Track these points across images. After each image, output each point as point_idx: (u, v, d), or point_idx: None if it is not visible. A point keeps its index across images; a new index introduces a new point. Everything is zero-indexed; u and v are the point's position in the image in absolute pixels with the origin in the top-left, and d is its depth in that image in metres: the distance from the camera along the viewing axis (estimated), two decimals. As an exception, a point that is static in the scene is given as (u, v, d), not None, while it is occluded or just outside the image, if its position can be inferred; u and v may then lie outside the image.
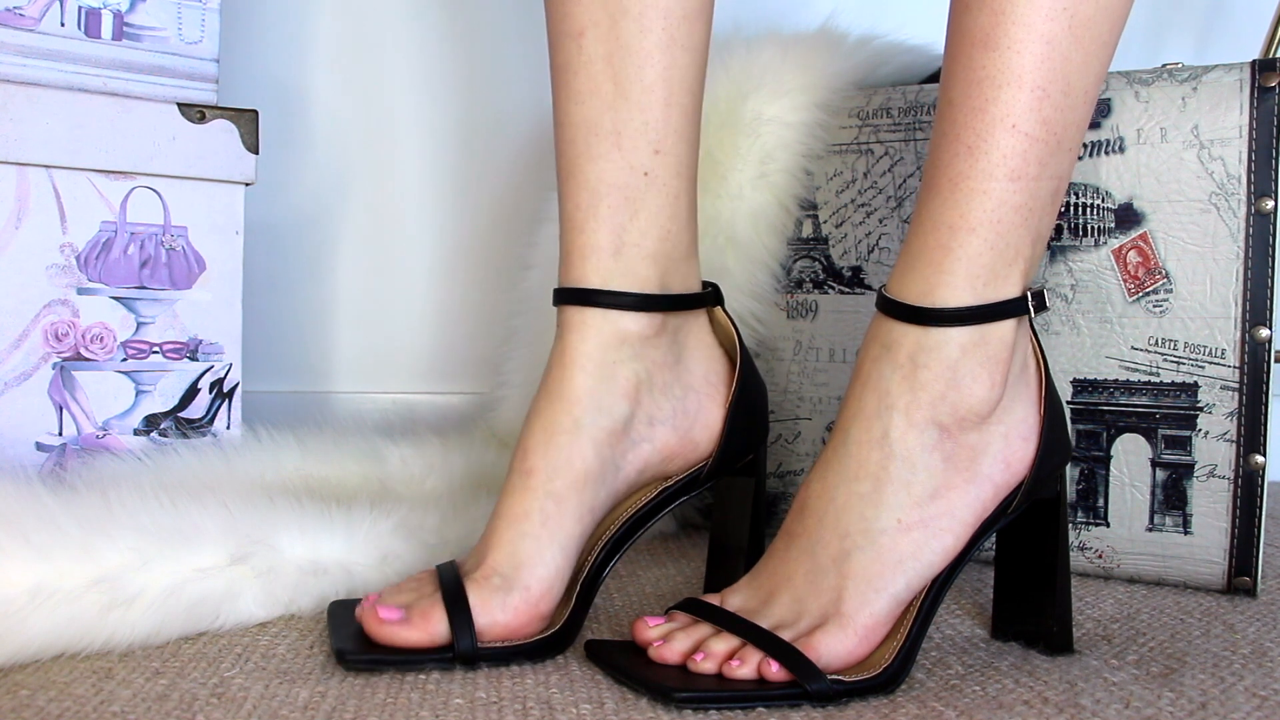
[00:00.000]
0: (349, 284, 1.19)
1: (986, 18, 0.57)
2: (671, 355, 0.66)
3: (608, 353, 0.64)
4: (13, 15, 0.80)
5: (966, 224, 0.58)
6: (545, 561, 0.61)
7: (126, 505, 0.67)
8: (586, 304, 0.64)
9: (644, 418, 0.64)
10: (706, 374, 0.67)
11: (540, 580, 0.60)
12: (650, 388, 0.65)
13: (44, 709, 0.53)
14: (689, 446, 0.66)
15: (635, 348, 0.64)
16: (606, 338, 0.64)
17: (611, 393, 0.63)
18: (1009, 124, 0.57)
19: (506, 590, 0.60)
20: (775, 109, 0.90)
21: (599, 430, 0.63)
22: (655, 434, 0.65)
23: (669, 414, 0.65)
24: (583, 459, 0.62)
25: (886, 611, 0.57)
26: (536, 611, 0.60)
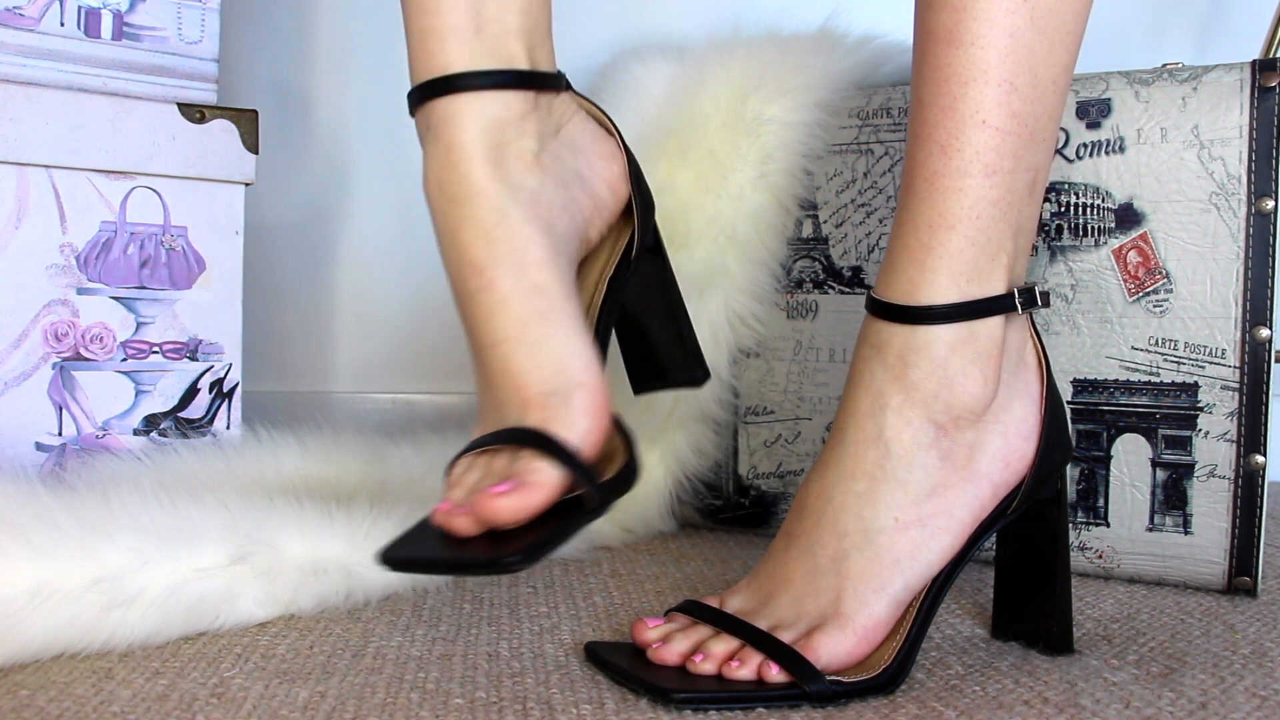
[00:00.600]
0: (349, 284, 1.19)
1: (948, 15, 0.57)
2: (550, 127, 0.61)
3: (494, 135, 0.58)
4: (13, 15, 0.80)
5: (945, 222, 0.58)
6: (580, 350, 0.55)
7: (126, 505, 0.67)
8: (455, 90, 0.58)
9: (554, 182, 0.60)
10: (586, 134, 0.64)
11: (587, 368, 0.54)
12: (545, 156, 0.60)
13: (44, 709, 0.53)
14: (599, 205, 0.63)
15: (517, 126, 0.59)
16: (488, 121, 0.58)
17: (513, 171, 0.58)
18: (979, 120, 0.57)
19: (568, 403, 0.53)
20: (775, 109, 0.90)
21: (524, 209, 0.57)
22: (571, 195, 0.61)
23: (573, 175, 0.61)
24: (533, 242, 0.57)
25: (885, 612, 0.57)
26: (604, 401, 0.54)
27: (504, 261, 0.56)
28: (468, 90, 0.58)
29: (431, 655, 0.62)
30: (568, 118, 0.63)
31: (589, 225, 0.62)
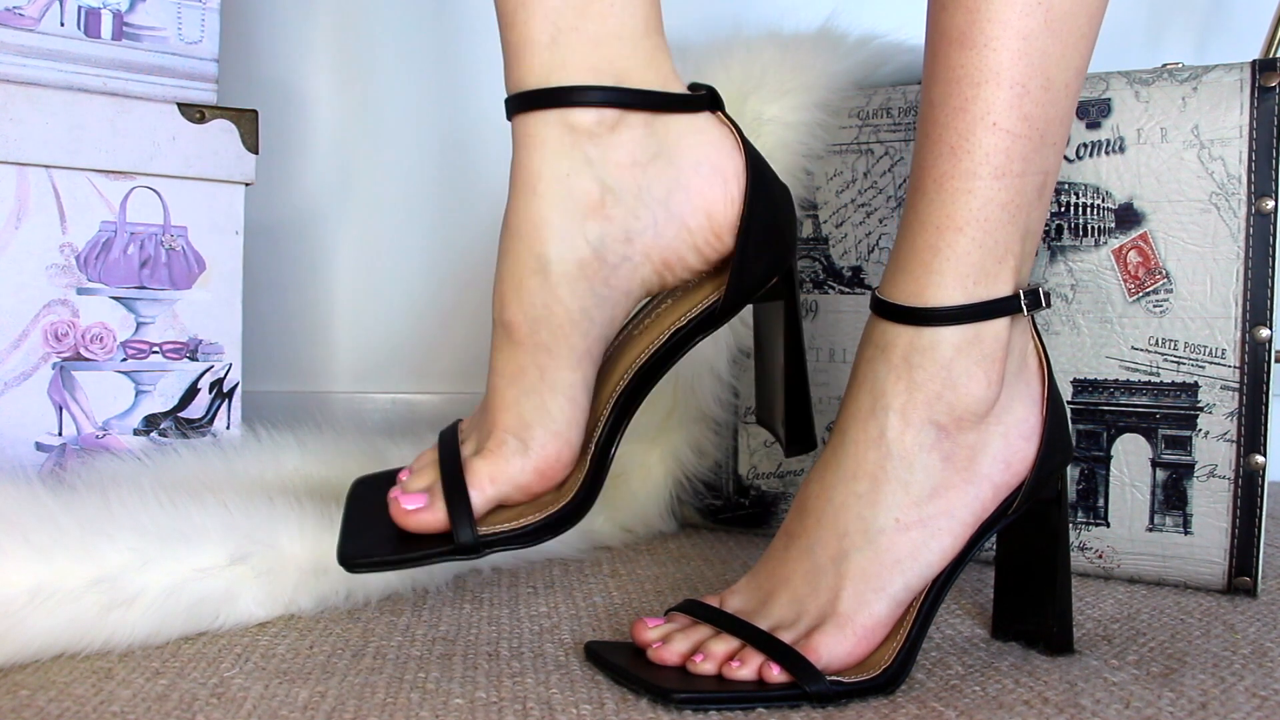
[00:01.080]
0: (349, 284, 1.19)
1: (962, 16, 0.57)
2: (645, 152, 0.57)
3: (559, 163, 0.56)
4: (12, 15, 0.80)
5: (953, 223, 0.58)
6: (553, 415, 0.57)
7: (126, 505, 0.67)
8: (529, 108, 0.56)
9: (617, 235, 0.57)
10: (697, 165, 0.58)
11: (553, 435, 0.57)
12: (619, 196, 0.56)
13: (44, 709, 0.53)
14: (678, 256, 0.58)
15: (589, 150, 0.56)
16: (556, 144, 0.56)
17: (573, 214, 0.56)
18: (989, 122, 0.57)
19: (522, 452, 0.57)
20: (775, 109, 0.90)
21: (569, 266, 0.56)
22: (634, 250, 0.57)
23: (649, 223, 0.57)
24: (560, 302, 0.56)
25: (885, 612, 0.57)
26: (559, 463, 0.57)
27: (525, 311, 0.57)
28: (537, 109, 0.56)
29: (431, 655, 0.62)
30: (674, 141, 0.58)
31: (658, 275, 0.59)
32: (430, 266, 1.21)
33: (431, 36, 1.20)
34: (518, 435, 0.57)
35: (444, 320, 1.22)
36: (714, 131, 0.59)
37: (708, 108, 0.59)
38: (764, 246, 0.59)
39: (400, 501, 0.57)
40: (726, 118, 0.60)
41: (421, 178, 1.20)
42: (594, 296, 0.57)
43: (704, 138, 0.59)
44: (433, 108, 1.20)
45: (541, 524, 0.57)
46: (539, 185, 0.56)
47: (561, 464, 0.58)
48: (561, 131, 0.56)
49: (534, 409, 0.57)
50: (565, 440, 0.57)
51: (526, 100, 0.56)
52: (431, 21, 1.20)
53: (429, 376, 1.22)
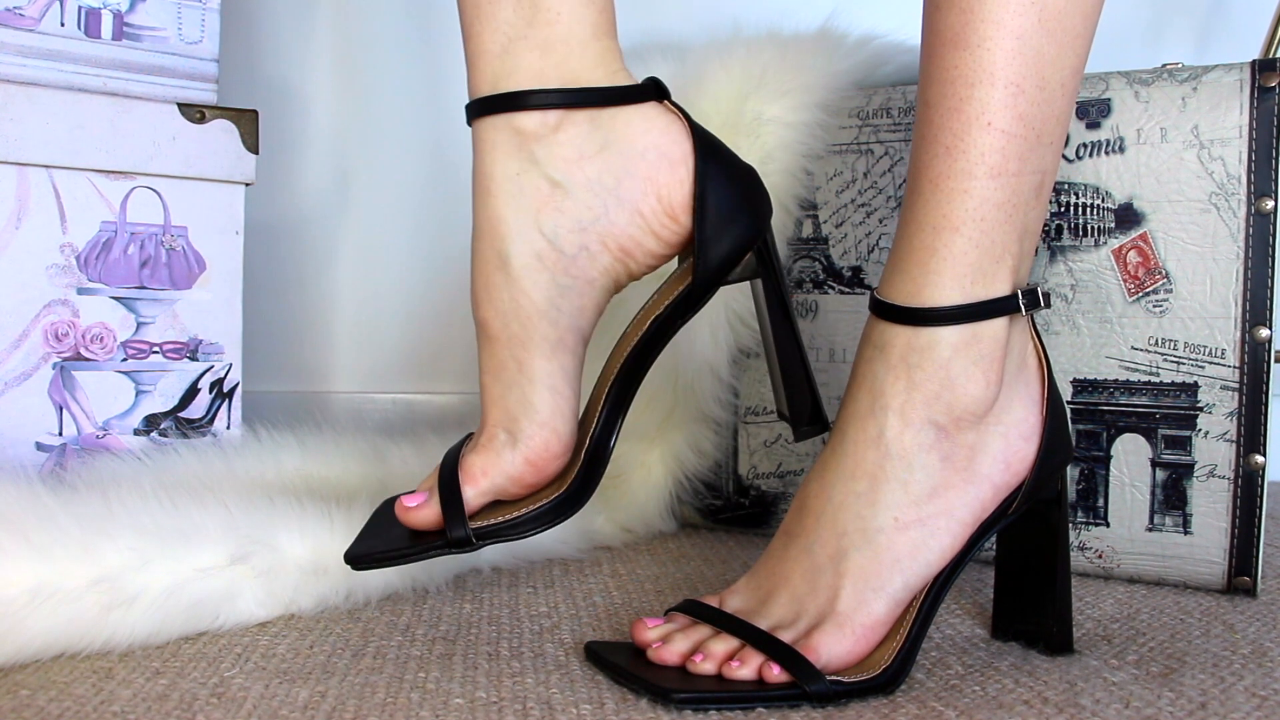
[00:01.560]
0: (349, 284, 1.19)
1: (956, 16, 0.57)
2: (591, 145, 0.59)
3: (509, 164, 0.58)
4: (13, 15, 0.80)
5: (950, 224, 0.58)
6: (536, 405, 0.58)
7: (126, 505, 0.67)
8: (482, 114, 0.59)
9: (570, 225, 0.58)
10: (643, 152, 0.59)
11: (540, 425, 0.58)
12: (569, 190, 0.58)
13: (44, 709, 0.53)
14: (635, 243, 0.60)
15: (535, 150, 0.58)
16: (505, 146, 0.58)
17: (526, 209, 0.58)
18: (984, 122, 0.57)
19: (513, 444, 0.58)
20: (775, 109, 0.90)
21: (526, 258, 0.58)
22: (589, 239, 0.59)
23: (600, 211, 0.59)
24: (524, 294, 0.58)
25: (884, 611, 0.57)
26: (550, 454, 0.58)
27: (495, 306, 0.59)
28: (488, 114, 0.59)
29: (431, 655, 0.62)
30: (621, 132, 0.59)
31: (620, 263, 0.60)
32: (430, 266, 1.21)
33: (431, 37, 1.20)
34: (506, 429, 0.58)
35: (444, 320, 1.22)
36: (660, 119, 0.60)
37: (653, 98, 0.60)
38: (725, 224, 0.60)
39: (402, 500, 0.59)
40: (673, 105, 0.61)
41: (421, 177, 1.21)
42: (556, 286, 0.59)
43: (650, 125, 0.60)
44: (432, 108, 1.20)
45: (535, 514, 0.58)
46: (492, 186, 0.59)
47: (551, 454, 0.58)
48: (509, 134, 0.58)
49: (518, 401, 0.58)
50: (552, 429, 0.58)
51: (479, 107, 0.59)
52: (431, 22, 1.20)
53: (429, 376, 1.22)
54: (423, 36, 1.20)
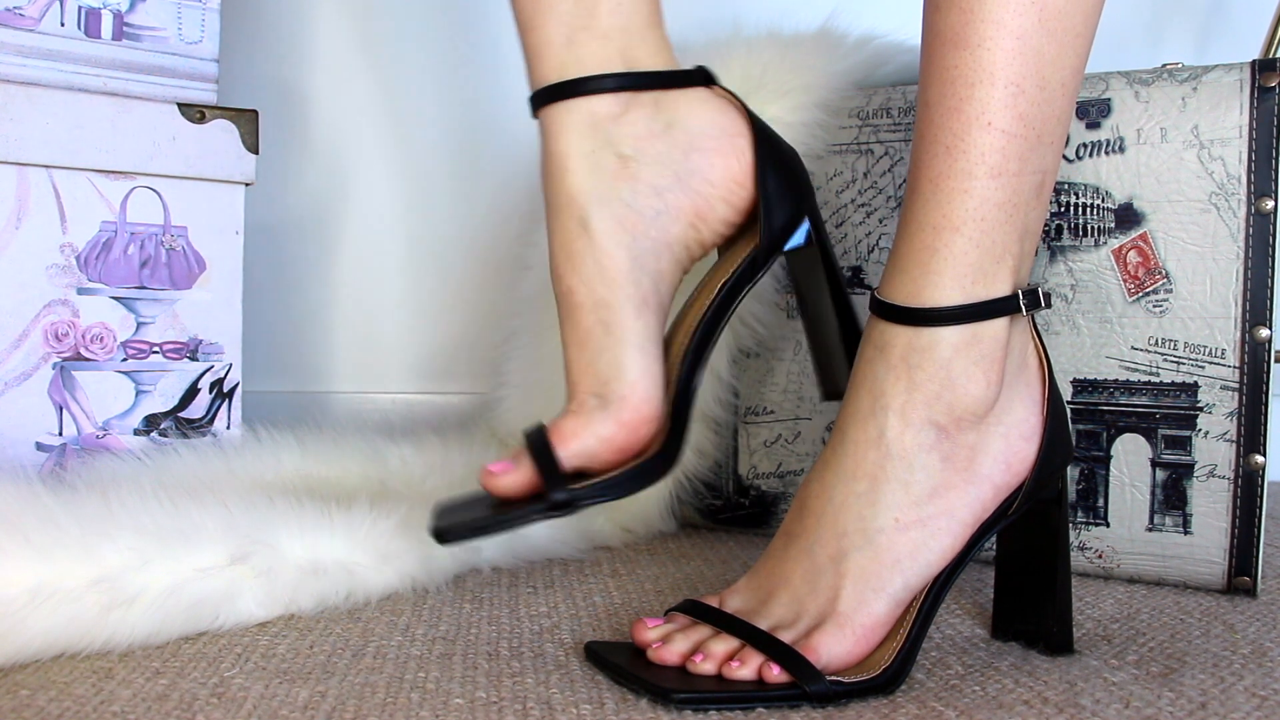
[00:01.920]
0: (349, 284, 1.19)
1: (956, 16, 0.57)
2: (658, 124, 0.63)
3: (584, 143, 0.61)
4: (13, 15, 0.80)
5: (950, 223, 0.58)
6: (627, 368, 0.59)
7: (126, 505, 0.67)
8: (550, 102, 0.62)
9: (646, 190, 0.61)
10: (706, 130, 0.63)
11: (631, 386, 0.59)
12: (642, 160, 0.62)
13: (44, 709, 0.53)
14: (709, 206, 0.63)
15: (609, 129, 0.62)
16: (579, 129, 0.61)
17: (603, 180, 0.61)
18: (984, 122, 0.57)
19: (603, 407, 0.58)
20: (775, 109, 0.90)
21: (608, 222, 0.61)
22: (665, 202, 0.62)
23: (672, 179, 0.62)
24: (608, 256, 0.60)
25: (885, 611, 0.57)
26: (641, 416, 0.59)
27: (579, 273, 0.61)
28: (559, 100, 0.62)
29: (431, 655, 0.62)
30: (684, 112, 0.63)
31: (693, 229, 0.63)
32: (430, 266, 1.21)
33: (432, 36, 1.20)
34: (596, 393, 0.59)
35: (444, 320, 1.22)
36: (716, 101, 0.64)
37: (705, 83, 0.65)
38: (784, 191, 0.64)
39: (489, 467, 0.59)
40: (724, 89, 0.65)
41: (421, 177, 1.21)
42: (638, 247, 0.61)
43: (708, 106, 0.64)
44: (433, 107, 1.20)
45: (632, 472, 0.58)
46: (569, 163, 0.61)
47: (641, 416, 0.59)
48: (582, 117, 0.62)
49: (608, 365, 0.59)
50: (643, 391, 0.59)
51: (549, 94, 0.62)
52: (432, 21, 1.20)
53: (429, 376, 1.22)
54: (424, 36, 1.20)
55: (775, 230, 0.64)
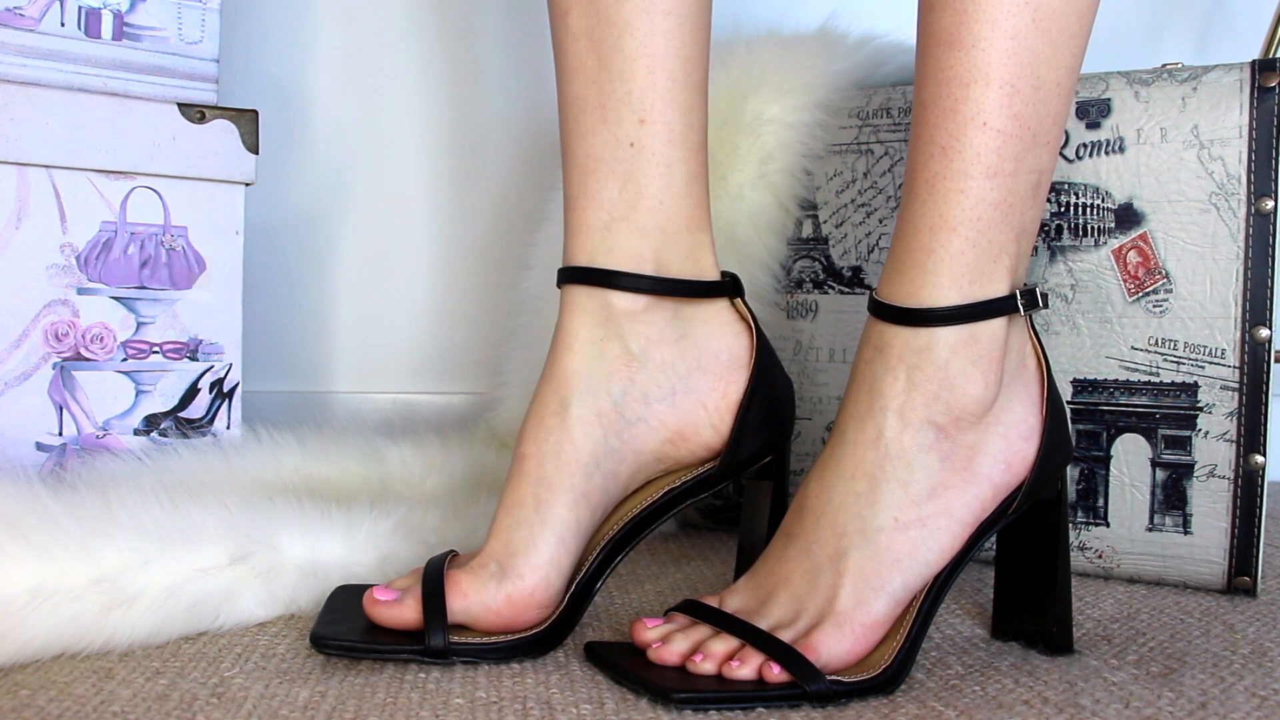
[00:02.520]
0: (349, 284, 1.19)
1: (950, 17, 0.57)
2: (673, 331, 0.64)
3: (595, 329, 0.63)
4: (13, 15, 0.80)
5: (946, 224, 0.58)
6: (538, 550, 0.60)
7: (127, 505, 0.67)
8: (576, 282, 0.63)
9: (638, 395, 0.63)
10: (718, 352, 0.64)
11: (534, 568, 0.60)
12: (645, 363, 0.63)
13: (44, 709, 0.53)
14: (693, 429, 0.64)
15: (623, 324, 0.63)
16: (594, 315, 0.63)
17: (600, 371, 0.62)
18: (980, 122, 0.57)
19: (500, 577, 0.59)
20: (775, 109, 0.90)
21: (586, 411, 0.62)
22: (652, 413, 0.63)
23: (668, 391, 0.63)
24: (571, 442, 0.61)
25: (884, 611, 0.57)
26: (531, 600, 0.60)
27: (538, 445, 0.62)
28: (583, 284, 0.63)
29: (431, 655, 0.62)
30: (700, 327, 0.64)
31: (673, 444, 0.64)
32: (430, 266, 1.21)
33: (431, 36, 1.20)
34: (500, 561, 0.60)
35: (444, 320, 1.22)
36: (733, 325, 0.66)
37: (730, 293, 0.66)
38: (760, 426, 0.65)
39: (374, 593, 0.60)
40: (744, 305, 0.66)
41: (421, 177, 1.21)
42: (605, 445, 0.62)
43: (724, 329, 0.65)
44: (433, 107, 1.20)
45: (513, 643, 0.60)
46: (574, 344, 0.63)
47: (534, 600, 0.60)
48: (600, 304, 0.63)
49: (522, 540, 0.60)
50: (544, 577, 0.60)
51: (575, 275, 0.63)
52: (431, 21, 1.20)
53: (429, 376, 1.22)
54: (423, 36, 1.20)
55: (738, 460, 0.64)
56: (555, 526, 0.60)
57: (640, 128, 0.62)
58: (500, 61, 1.22)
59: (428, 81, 1.20)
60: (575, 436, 0.61)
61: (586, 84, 0.63)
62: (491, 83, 1.22)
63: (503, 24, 1.21)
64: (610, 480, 0.62)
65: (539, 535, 0.60)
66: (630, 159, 0.63)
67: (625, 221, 0.63)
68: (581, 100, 0.63)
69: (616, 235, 0.63)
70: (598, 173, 0.63)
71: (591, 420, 0.62)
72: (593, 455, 0.61)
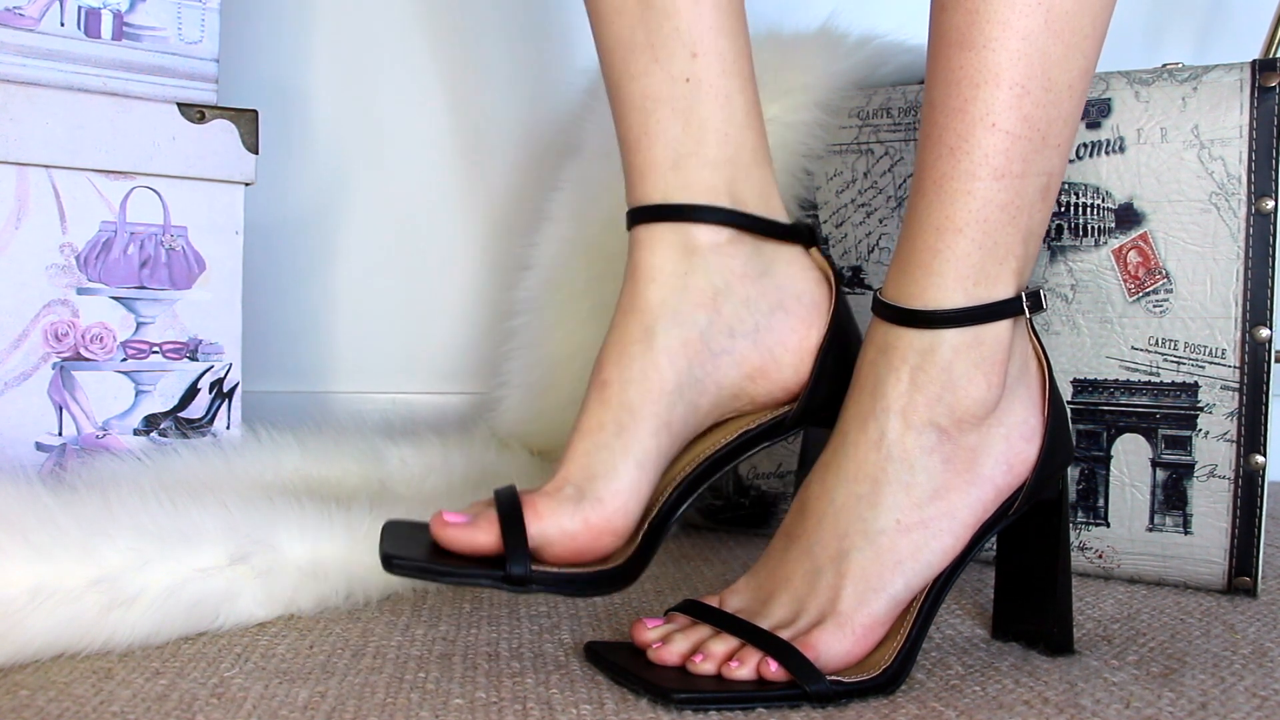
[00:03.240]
0: (349, 284, 1.19)
1: (962, 17, 0.57)
2: (754, 268, 0.62)
3: (679, 263, 0.61)
4: (12, 15, 0.80)
5: (953, 225, 0.58)
6: (619, 474, 0.58)
7: (126, 505, 0.67)
8: (652, 220, 0.61)
9: (723, 328, 0.61)
10: (799, 295, 0.63)
11: (614, 493, 0.57)
12: (729, 296, 0.61)
13: (44, 709, 0.53)
14: (773, 368, 0.62)
15: (708, 258, 0.61)
16: (676, 249, 0.61)
17: (686, 302, 0.61)
18: (989, 123, 0.57)
19: (578, 500, 0.57)
20: (775, 109, 0.90)
21: (673, 340, 0.60)
22: (736, 346, 0.61)
23: (751, 327, 0.62)
24: (656, 369, 0.59)
25: (885, 611, 0.57)
26: (609, 526, 0.57)
27: (623, 371, 0.60)
28: (656, 221, 0.61)
29: (431, 655, 0.62)
30: (782, 267, 0.63)
31: (752, 380, 0.62)
32: (431, 266, 1.21)
33: (431, 36, 1.20)
34: (578, 484, 0.57)
35: (444, 320, 1.22)
36: (812, 269, 0.65)
37: (806, 242, 0.65)
38: (838, 372, 0.64)
39: (444, 515, 0.56)
40: (821, 253, 0.65)
41: (421, 177, 1.20)
42: (690, 375, 0.60)
43: (805, 273, 0.64)
44: (433, 107, 1.20)
45: (593, 576, 0.56)
46: (658, 276, 0.61)
47: (610, 525, 0.57)
48: (683, 239, 0.61)
49: (602, 463, 0.58)
50: (623, 503, 0.57)
51: (651, 213, 0.62)
52: (432, 21, 1.20)
53: (429, 376, 1.22)
54: (423, 36, 1.20)
55: (816, 403, 0.63)
56: (637, 453, 0.58)
57: (694, 61, 0.61)
58: (500, 61, 1.22)
59: (428, 82, 1.20)
60: (661, 364, 0.59)
61: (631, 25, 0.61)
62: (492, 82, 1.22)
63: (502, 23, 1.21)
64: (691, 411, 0.60)
65: (620, 460, 0.58)
66: (689, 95, 0.61)
67: (694, 157, 0.61)
68: (629, 42, 0.62)
69: (688, 171, 0.61)
70: (657, 112, 0.61)
71: (678, 349, 0.60)
72: (677, 384, 0.60)
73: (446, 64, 1.21)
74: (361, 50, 1.17)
